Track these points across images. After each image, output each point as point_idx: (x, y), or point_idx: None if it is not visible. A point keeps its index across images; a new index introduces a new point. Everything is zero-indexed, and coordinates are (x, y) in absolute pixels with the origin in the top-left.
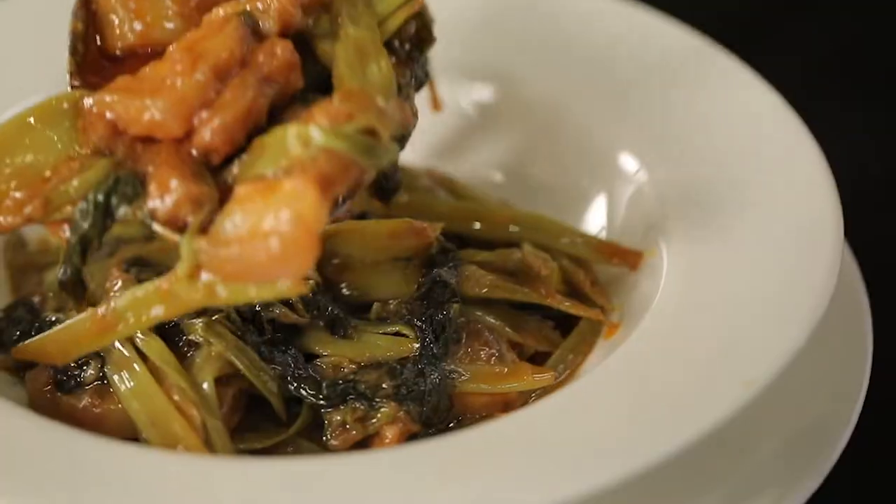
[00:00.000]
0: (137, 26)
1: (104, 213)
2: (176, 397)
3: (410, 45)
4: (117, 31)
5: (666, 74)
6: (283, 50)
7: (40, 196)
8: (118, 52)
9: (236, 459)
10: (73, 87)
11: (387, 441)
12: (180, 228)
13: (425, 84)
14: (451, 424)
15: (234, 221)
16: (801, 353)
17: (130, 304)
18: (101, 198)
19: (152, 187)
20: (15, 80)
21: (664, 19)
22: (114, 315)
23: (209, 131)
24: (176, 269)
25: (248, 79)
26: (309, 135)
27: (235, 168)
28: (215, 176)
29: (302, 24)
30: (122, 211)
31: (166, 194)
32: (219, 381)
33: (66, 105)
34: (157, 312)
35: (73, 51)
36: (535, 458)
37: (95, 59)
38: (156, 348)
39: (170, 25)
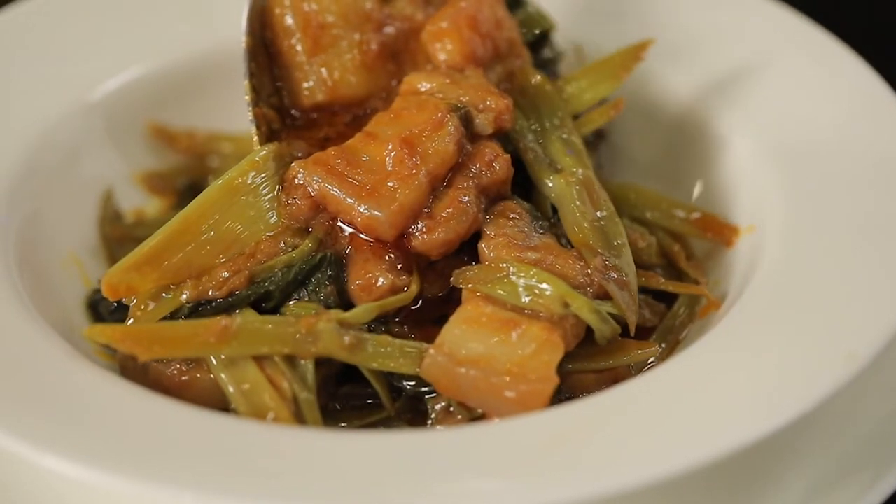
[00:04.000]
0: (325, 84)
1: (300, 285)
2: (268, 370)
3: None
4: (304, 88)
5: (766, 50)
6: (502, 166)
7: (244, 271)
8: (306, 109)
9: (332, 430)
10: (257, 119)
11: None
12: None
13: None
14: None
15: (465, 337)
16: None
17: (251, 327)
18: (301, 271)
19: (354, 272)
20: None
21: None
22: (236, 330)
23: (429, 243)
24: (324, 316)
25: (471, 195)
26: (569, 301)
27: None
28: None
29: (512, 128)
30: (323, 289)
31: (371, 285)
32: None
33: (265, 168)
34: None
35: (249, 73)
36: (638, 433)
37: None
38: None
39: (354, 79)
